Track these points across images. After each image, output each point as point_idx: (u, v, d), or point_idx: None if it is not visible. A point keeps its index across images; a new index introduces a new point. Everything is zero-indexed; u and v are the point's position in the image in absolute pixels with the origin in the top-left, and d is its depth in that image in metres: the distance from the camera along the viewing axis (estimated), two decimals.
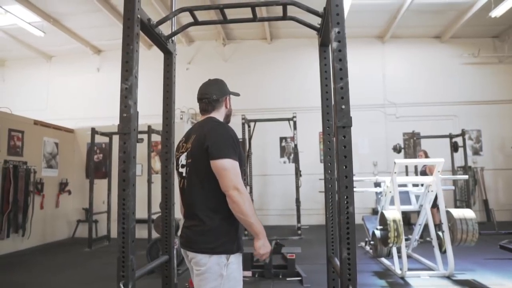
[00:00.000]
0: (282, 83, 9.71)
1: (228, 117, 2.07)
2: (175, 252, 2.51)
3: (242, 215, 1.74)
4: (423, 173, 6.93)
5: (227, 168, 1.74)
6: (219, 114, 2.01)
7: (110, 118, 7.70)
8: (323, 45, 2.51)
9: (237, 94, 2.13)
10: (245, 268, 4.39)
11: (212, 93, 1.98)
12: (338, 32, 1.80)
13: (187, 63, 9.81)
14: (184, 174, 1.92)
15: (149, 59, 6.20)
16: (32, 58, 10.30)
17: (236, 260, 1.84)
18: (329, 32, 1.85)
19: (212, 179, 1.78)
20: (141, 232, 5.94)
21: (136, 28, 2.00)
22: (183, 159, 1.94)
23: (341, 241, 1.71)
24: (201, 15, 2.59)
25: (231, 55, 9.99)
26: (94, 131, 6.88)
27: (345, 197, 1.71)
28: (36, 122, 7.31)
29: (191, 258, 1.86)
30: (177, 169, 2.00)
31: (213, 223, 1.80)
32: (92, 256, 6.09)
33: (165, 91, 2.62)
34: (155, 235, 5.86)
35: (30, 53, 9.97)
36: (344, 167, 1.72)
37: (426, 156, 7.11)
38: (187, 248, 1.87)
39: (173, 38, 2.60)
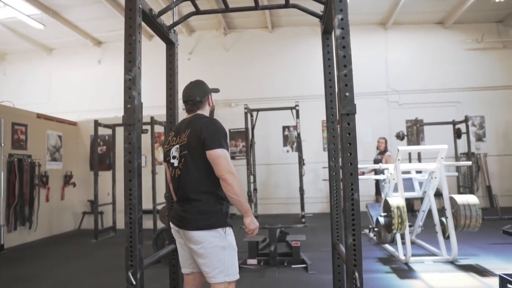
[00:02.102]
0: (284, 72, 9.67)
1: (212, 112, 2.28)
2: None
3: (235, 195, 1.96)
4: (378, 161, 6.85)
5: (221, 156, 1.96)
6: (204, 112, 2.21)
7: (112, 110, 7.71)
8: (326, 32, 2.50)
9: (216, 91, 2.31)
10: (250, 256, 4.45)
11: (196, 95, 2.16)
12: (342, 19, 1.79)
13: (188, 53, 9.76)
14: (176, 165, 2.08)
15: (150, 50, 6.19)
16: (33, 51, 10.27)
17: (230, 231, 2.06)
18: (332, 19, 1.84)
19: (207, 167, 1.99)
20: (146, 223, 6.00)
21: (138, 18, 1.99)
22: (174, 151, 2.11)
23: (346, 228, 1.73)
24: (202, 4, 2.58)
25: (232, 44, 9.93)
26: (97, 123, 6.89)
27: (350, 184, 1.72)
28: (39, 116, 7.33)
29: (190, 237, 2.00)
30: (168, 161, 2.16)
31: (208, 203, 2.01)
32: (98, 247, 6.16)
33: (168, 82, 2.62)
34: (160, 225, 5.91)
35: (31, 46, 9.94)
36: (349, 154, 1.73)
37: (386, 144, 7.19)
38: (186, 228, 2.01)
39: (175, 28, 2.59)
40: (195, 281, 2.17)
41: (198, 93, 2.17)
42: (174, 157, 2.10)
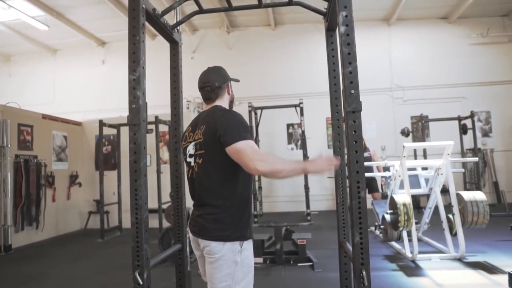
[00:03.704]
0: (288, 70, 9.65)
1: (231, 103, 2.07)
2: (187, 240, 2.54)
3: (281, 174, 1.69)
4: (368, 159, 6.60)
5: (242, 148, 1.69)
6: (223, 102, 1.99)
7: (117, 110, 7.74)
8: (330, 29, 2.49)
9: (237, 80, 2.09)
10: (256, 254, 4.42)
11: (214, 80, 1.94)
12: (346, 16, 1.77)
13: (191, 52, 9.77)
14: (192, 164, 1.89)
15: (154, 50, 6.18)
16: (37, 52, 10.33)
17: (248, 246, 1.85)
18: (336, 16, 1.82)
19: (226, 167, 1.78)
20: (152, 222, 6.02)
21: (141, 18, 1.99)
22: (191, 149, 1.91)
23: (353, 226, 1.72)
24: (205, 3, 2.57)
25: (235, 42, 9.92)
26: (102, 123, 6.92)
27: (357, 182, 1.71)
28: (44, 116, 7.37)
29: (203, 247, 1.85)
30: (185, 159, 1.98)
31: (226, 212, 1.79)
32: (105, 246, 6.19)
33: (172, 81, 2.62)
34: (165, 224, 5.93)
35: (35, 47, 10.00)
36: (355, 152, 1.72)
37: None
38: (200, 236, 1.85)
39: (178, 27, 2.58)
40: None
41: (217, 78, 1.94)
42: (190, 156, 1.91)
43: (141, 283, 1.86)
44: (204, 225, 1.83)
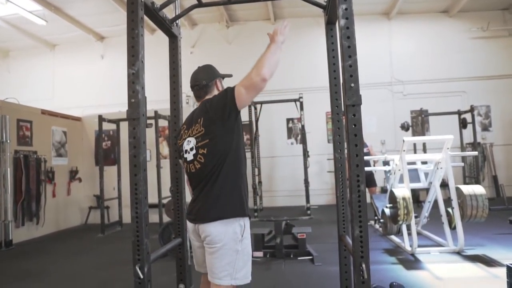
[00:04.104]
0: (287, 64, 9.59)
1: None
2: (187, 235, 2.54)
3: (275, 62, 1.92)
4: (367, 154, 6.64)
5: (239, 85, 1.85)
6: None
7: (116, 105, 7.72)
8: (330, 23, 2.48)
9: (229, 76, 2.21)
10: (256, 248, 4.47)
11: (202, 79, 2.07)
12: (346, 9, 1.77)
13: (191, 47, 9.73)
14: (191, 158, 1.96)
15: (153, 44, 6.17)
16: (36, 48, 10.27)
17: (247, 232, 1.94)
18: (336, 9, 1.82)
19: (230, 152, 1.89)
20: (152, 217, 6.04)
21: (140, 12, 1.98)
22: (186, 145, 1.99)
23: (353, 220, 1.73)
24: None
25: (235, 37, 9.88)
26: (101, 119, 6.90)
27: (356, 175, 1.71)
28: (44, 112, 7.36)
29: (205, 236, 1.90)
30: (182, 156, 2.05)
31: (223, 190, 1.89)
32: (105, 241, 6.20)
33: (171, 75, 2.61)
34: (166, 219, 5.94)
35: (34, 43, 9.95)
36: (355, 145, 1.72)
37: None
38: (199, 221, 1.92)
39: (177, 21, 2.57)
40: None
41: (204, 76, 2.08)
42: (187, 151, 1.98)
43: (141, 277, 1.87)
44: (203, 210, 1.91)
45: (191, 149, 1.96)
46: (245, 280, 1.91)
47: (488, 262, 3.92)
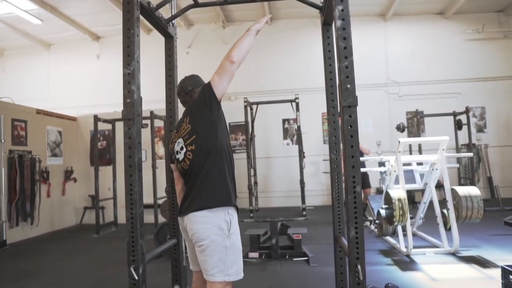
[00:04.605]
0: (284, 65, 9.62)
1: None
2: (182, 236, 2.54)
3: (246, 47, 2.08)
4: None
5: (215, 74, 1.99)
6: None
7: (112, 105, 7.69)
8: (326, 24, 2.48)
9: None
10: (252, 249, 4.46)
11: (188, 85, 2.17)
12: (342, 10, 1.77)
13: (187, 47, 9.71)
14: (182, 158, 2.02)
15: (149, 45, 6.15)
16: (31, 47, 10.21)
17: (235, 230, 1.98)
18: (332, 10, 1.82)
19: (216, 145, 1.96)
20: (147, 217, 6.02)
21: (136, 12, 1.97)
22: (176, 146, 2.06)
23: (348, 221, 1.73)
24: None
25: (231, 37, 9.86)
26: (97, 119, 6.87)
27: (352, 176, 1.71)
28: (39, 111, 7.31)
29: (192, 234, 1.94)
30: (174, 159, 2.09)
31: (209, 181, 1.95)
32: (100, 241, 6.17)
33: (167, 75, 2.61)
34: (161, 219, 5.92)
35: (29, 42, 9.88)
36: (351, 146, 1.72)
37: None
38: (185, 213, 1.96)
39: (173, 21, 2.57)
40: (204, 277, 2.08)
41: (190, 83, 2.18)
42: (178, 152, 2.04)
43: (136, 278, 1.86)
44: (190, 199, 1.96)
45: (181, 148, 2.02)
46: (238, 276, 1.96)
47: (483, 263, 3.93)
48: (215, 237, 1.89)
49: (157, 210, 6.32)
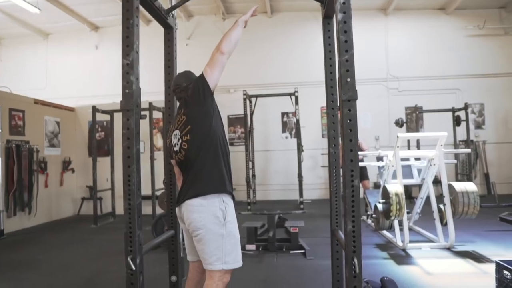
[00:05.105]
0: (283, 58, 9.58)
1: None
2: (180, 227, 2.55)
3: (235, 38, 2.18)
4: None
5: (206, 66, 2.05)
6: None
7: (110, 96, 7.66)
8: (327, 17, 2.46)
9: None
10: (249, 241, 4.48)
11: (182, 82, 2.17)
12: (344, 3, 1.76)
13: (186, 38, 9.65)
14: (178, 149, 2.06)
15: (148, 36, 6.10)
16: (29, 36, 10.12)
17: (231, 219, 1.99)
18: (333, 3, 1.80)
19: (211, 134, 2.00)
20: (145, 208, 6.02)
21: (135, 1, 1.95)
22: (173, 139, 2.10)
23: (346, 214, 1.73)
24: None
25: None
26: (95, 109, 6.85)
27: (351, 170, 1.71)
28: (37, 101, 7.28)
29: (188, 224, 1.98)
30: (172, 152, 2.12)
31: (204, 169, 1.99)
32: (98, 232, 6.19)
33: (166, 67, 2.59)
34: (159, 211, 5.93)
35: (27, 31, 9.80)
36: (350, 140, 1.72)
37: None
38: (181, 201, 2.01)
39: (173, 12, 2.55)
40: (200, 268, 2.14)
41: (184, 80, 2.19)
42: (175, 144, 2.08)
43: (133, 268, 1.86)
44: (186, 187, 2.00)
45: (178, 140, 2.06)
46: (236, 264, 1.98)
47: (478, 258, 3.97)
48: (211, 226, 1.92)
49: (155, 202, 6.33)
